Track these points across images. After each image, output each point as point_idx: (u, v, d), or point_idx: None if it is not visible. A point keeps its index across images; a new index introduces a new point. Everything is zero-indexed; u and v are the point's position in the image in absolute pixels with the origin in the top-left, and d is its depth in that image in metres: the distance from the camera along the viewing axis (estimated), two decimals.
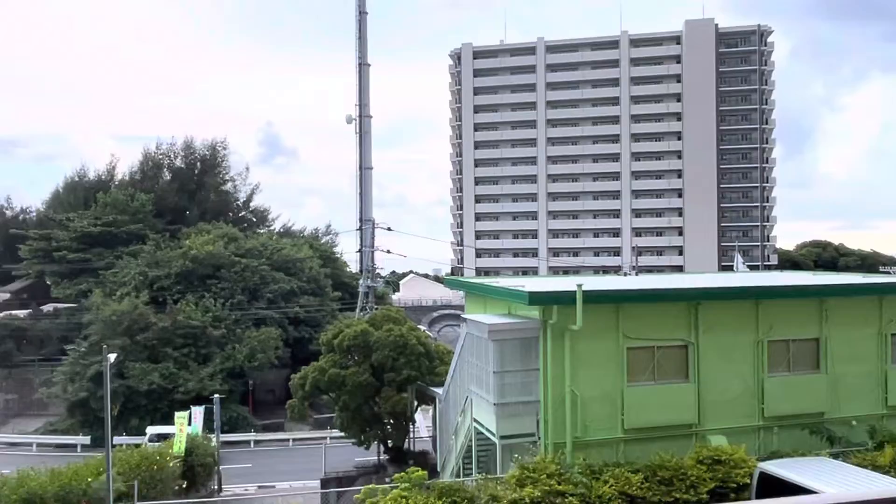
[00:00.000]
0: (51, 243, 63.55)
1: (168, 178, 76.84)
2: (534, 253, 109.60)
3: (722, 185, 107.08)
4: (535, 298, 17.15)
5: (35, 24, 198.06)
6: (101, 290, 53.24)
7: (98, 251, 62.30)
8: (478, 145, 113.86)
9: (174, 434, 28.34)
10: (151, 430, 37.96)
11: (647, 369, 17.89)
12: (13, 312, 60.97)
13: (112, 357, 21.84)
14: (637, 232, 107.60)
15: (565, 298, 16.95)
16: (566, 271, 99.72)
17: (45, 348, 57.11)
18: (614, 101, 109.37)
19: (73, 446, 42.27)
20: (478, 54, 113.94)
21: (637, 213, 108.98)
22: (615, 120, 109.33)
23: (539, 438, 17.61)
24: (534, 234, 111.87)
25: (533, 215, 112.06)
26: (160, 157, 78.60)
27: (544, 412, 17.34)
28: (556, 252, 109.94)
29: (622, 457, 17.12)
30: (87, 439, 42.72)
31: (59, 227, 66.43)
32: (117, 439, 39.33)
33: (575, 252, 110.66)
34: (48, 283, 65.48)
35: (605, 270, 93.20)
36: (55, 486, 20.49)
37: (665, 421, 17.77)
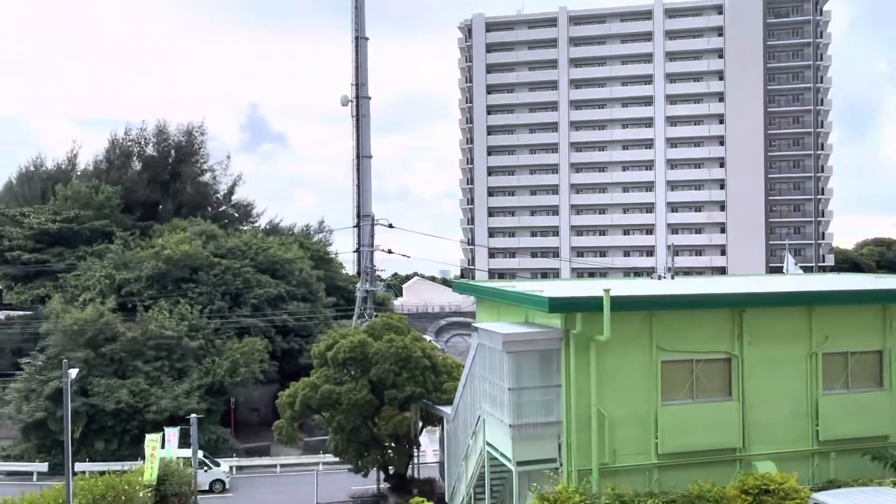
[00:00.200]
0: (2, 242, 63.95)
1: (138, 167, 77.18)
2: (555, 253, 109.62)
3: (770, 176, 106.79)
4: (557, 305, 17.19)
5: None
6: (60, 296, 53.57)
7: (57, 251, 62.65)
8: (491, 131, 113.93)
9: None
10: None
11: (684, 386, 17.92)
12: None
13: (73, 372, 22.07)
14: (673, 229, 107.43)
15: (591, 305, 16.99)
16: (592, 274, 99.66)
17: None
18: (647, 79, 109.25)
19: (29, 474, 42.60)
20: (491, 26, 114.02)
21: (673, 208, 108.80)
22: (648, 101, 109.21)
23: (561, 465, 17.67)
24: (555, 232, 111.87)
25: (554, 210, 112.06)
26: (129, 144, 78.95)
27: (566, 435, 17.40)
28: (580, 252, 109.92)
29: (656, 486, 17.17)
30: (44, 466, 43.01)
31: (12, 224, 66.76)
32: (79, 466, 39.67)
33: (602, 252, 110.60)
34: None
35: (637, 273, 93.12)
36: None
37: (705, 445, 17.81)
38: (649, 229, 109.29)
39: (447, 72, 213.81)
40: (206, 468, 38.97)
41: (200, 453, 38.39)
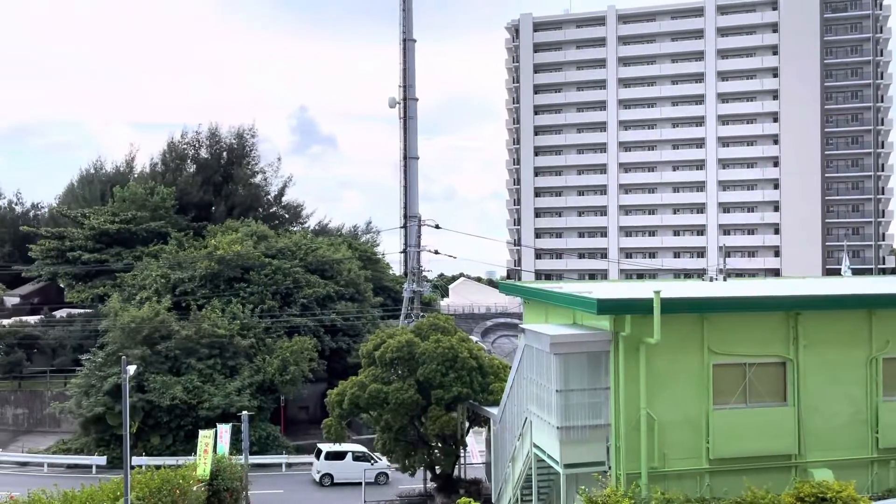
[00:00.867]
0: (64, 242, 65.96)
1: (192, 170, 78.97)
2: (603, 254, 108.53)
3: (827, 175, 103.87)
4: (606, 306, 17.06)
5: (49, 7, 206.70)
6: (118, 294, 55.09)
7: (116, 251, 64.48)
8: (538, 131, 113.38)
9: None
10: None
11: (736, 389, 17.61)
12: (23, 318, 63.59)
13: (132, 369, 22.59)
14: (725, 230, 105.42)
15: (641, 306, 16.82)
16: (641, 275, 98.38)
17: (57, 358, 59.39)
18: (698, 77, 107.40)
19: (88, 467, 43.86)
20: (539, 26, 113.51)
21: (725, 208, 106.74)
22: (699, 100, 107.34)
23: (609, 468, 17.51)
24: (603, 233, 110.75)
25: (602, 210, 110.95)
26: (184, 146, 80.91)
27: (615, 438, 17.24)
28: (628, 253, 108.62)
29: (707, 491, 16.93)
30: (102, 459, 44.26)
31: (74, 225, 68.98)
32: (136, 460, 40.72)
33: (651, 253, 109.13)
34: (61, 286, 68.03)
35: (687, 274, 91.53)
36: None
37: (758, 450, 17.46)
38: (700, 230, 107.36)
39: (493, 73, 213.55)
40: (371, 461, 40.88)
41: (363, 448, 39.92)
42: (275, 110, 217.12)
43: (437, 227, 56.80)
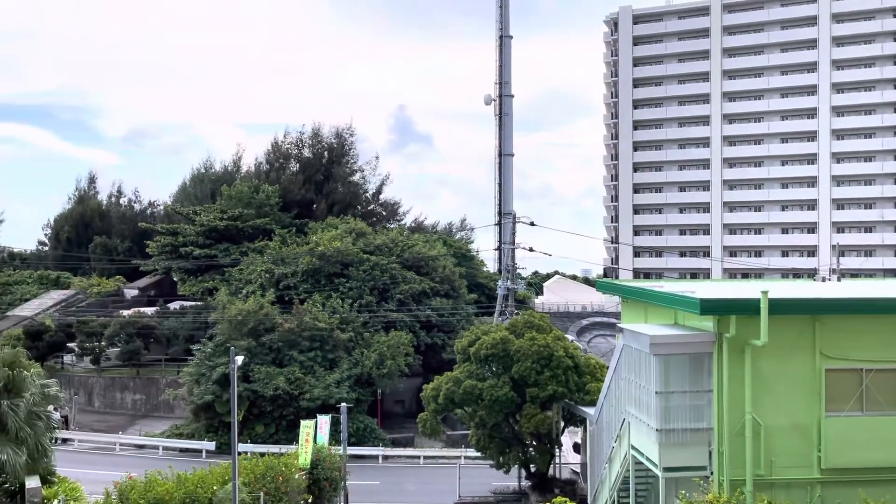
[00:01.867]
0: (177, 238, 69.69)
1: (295, 168, 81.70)
2: (705, 252, 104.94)
3: None
4: (709, 306, 16.55)
5: (162, 12, 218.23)
6: (226, 288, 57.68)
7: (224, 247, 67.58)
8: (637, 125, 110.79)
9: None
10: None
11: (852, 396, 16.73)
12: (141, 310, 67.57)
13: (240, 359, 23.59)
14: (838, 227, 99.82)
15: (747, 307, 16.25)
16: (745, 274, 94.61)
17: (171, 347, 62.83)
18: (810, 67, 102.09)
19: (199, 451, 46.23)
20: (638, 18, 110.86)
21: (839, 205, 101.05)
22: (811, 91, 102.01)
23: (711, 473, 16.99)
24: (705, 230, 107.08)
25: (704, 207, 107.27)
26: (287, 146, 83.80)
27: (718, 442, 16.71)
28: (732, 251, 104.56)
29: (818, 502, 16.14)
30: (211, 445, 46.54)
31: (186, 222, 72.82)
32: (241, 446, 42.46)
33: (757, 251, 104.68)
34: (175, 279, 71.85)
35: (797, 274, 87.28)
36: (181, 492, 22.51)
37: (876, 461, 16.51)
38: (811, 228, 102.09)
39: (590, 67, 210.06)
40: None
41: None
42: (373, 110, 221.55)
43: (531, 224, 56.48)
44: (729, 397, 16.47)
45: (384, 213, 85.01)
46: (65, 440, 47.66)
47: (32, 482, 22.39)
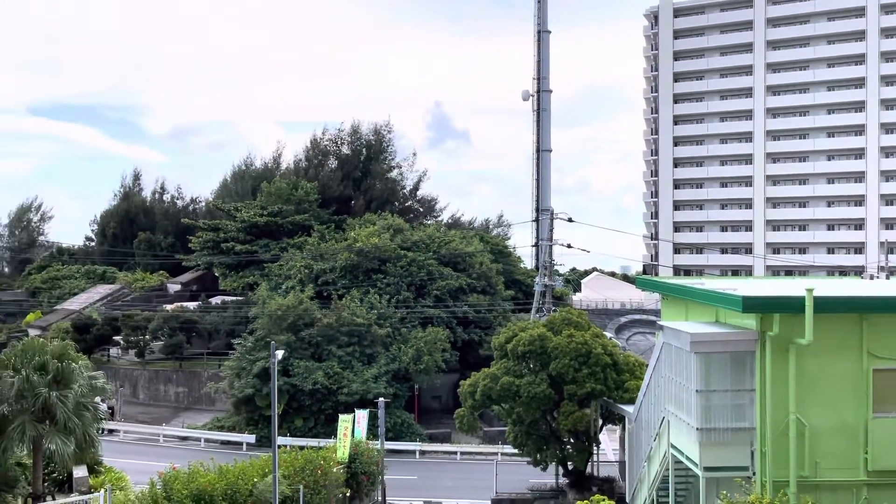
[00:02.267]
0: (219, 234, 70.86)
1: (334, 165, 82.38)
2: (747, 249, 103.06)
3: None
4: (752, 304, 16.25)
5: (207, 15, 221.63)
6: (266, 283, 58.43)
7: (264, 242, 68.52)
8: (678, 120, 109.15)
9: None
10: None
11: None
12: (184, 304, 68.85)
13: (280, 354, 23.91)
14: (887, 224, 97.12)
15: (791, 305, 15.93)
16: (789, 272, 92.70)
17: (213, 341, 63.88)
18: (858, 59, 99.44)
19: (239, 444, 46.93)
20: (679, 11, 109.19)
21: (888, 201, 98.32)
22: (859, 83, 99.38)
23: (753, 474, 16.70)
24: (748, 227, 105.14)
25: (747, 203, 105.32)
26: (326, 143, 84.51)
27: (760, 442, 16.42)
28: (775, 248, 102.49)
29: None
30: (252, 438, 47.21)
31: (227, 218, 73.98)
32: (281, 440, 43.01)
33: (802, 248, 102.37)
34: (216, 274, 73.08)
35: (843, 272, 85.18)
36: (223, 483, 22.92)
37: None
38: (858, 224, 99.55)
39: (629, 62, 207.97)
40: None
41: None
42: (411, 106, 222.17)
43: (569, 220, 56.03)
44: (772, 397, 16.18)
45: (421, 210, 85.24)
46: (111, 431, 48.83)
47: (80, 471, 23.00)
